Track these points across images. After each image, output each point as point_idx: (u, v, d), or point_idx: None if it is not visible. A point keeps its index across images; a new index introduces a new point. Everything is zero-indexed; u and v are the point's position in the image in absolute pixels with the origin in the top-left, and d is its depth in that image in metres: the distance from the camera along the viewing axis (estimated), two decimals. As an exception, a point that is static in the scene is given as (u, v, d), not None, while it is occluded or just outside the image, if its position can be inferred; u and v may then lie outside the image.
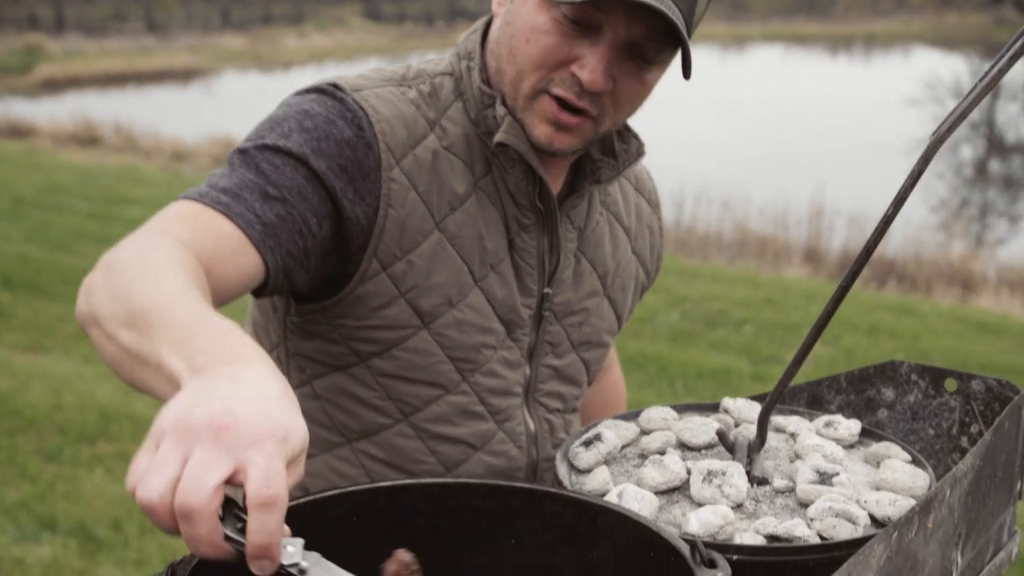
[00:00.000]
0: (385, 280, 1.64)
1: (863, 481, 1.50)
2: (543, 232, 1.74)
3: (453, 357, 1.70)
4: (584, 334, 1.85)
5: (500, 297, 1.72)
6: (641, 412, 1.68)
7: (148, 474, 0.97)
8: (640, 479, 1.47)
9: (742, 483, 1.43)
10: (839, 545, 1.32)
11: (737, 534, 1.35)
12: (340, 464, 1.75)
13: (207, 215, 1.48)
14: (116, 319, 1.22)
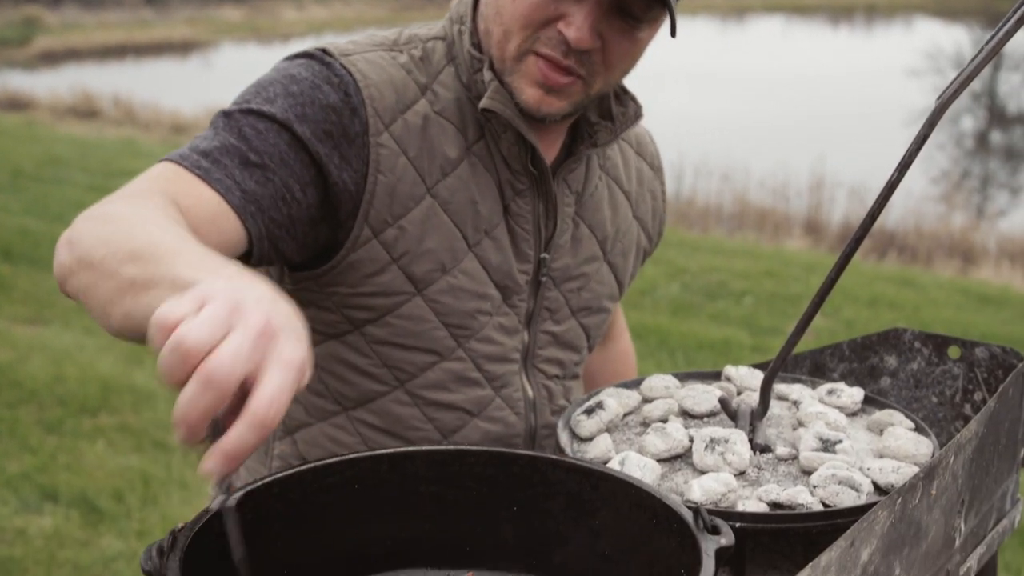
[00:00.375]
0: (377, 246, 1.63)
1: (866, 449, 1.49)
2: (538, 197, 1.73)
3: (448, 323, 1.70)
4: (583, 300, 1.84)
5: (495, 263, 1.71)
6: (643, 380, 1.67)
7: (199, 323, 0.96)
8: (642, 447, 1.47)
9: (745, 451, 1.42)
10: (842, 512, 1.32)
11: (740, 501, 1.35)
12: (337, 432, 1.75)
13: (187, 179, 1.47)
14: (116, 257, 1.21)
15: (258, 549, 1.21)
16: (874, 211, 1.32)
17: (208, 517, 1.14)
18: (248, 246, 1.53)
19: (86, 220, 1.33)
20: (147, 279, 1.17)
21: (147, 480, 4.49)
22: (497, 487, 1.30)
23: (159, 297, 1.10)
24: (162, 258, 1.17)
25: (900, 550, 1.25)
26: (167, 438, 4.93)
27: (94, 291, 1.25)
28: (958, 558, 1.45)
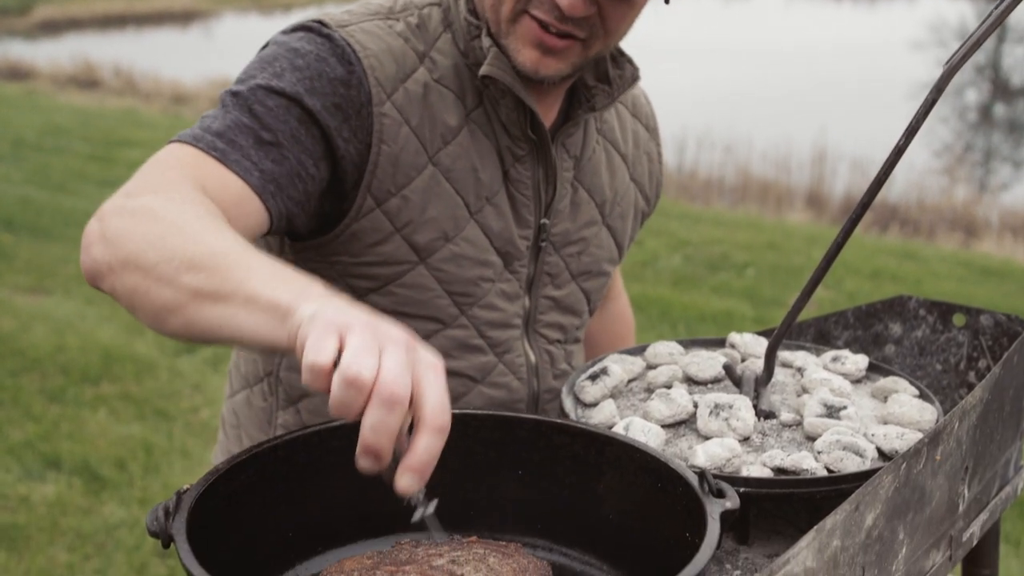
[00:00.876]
0: (380, 216, 1.63)
1: (870, 415, 1.50)
2: (538, 163, 1.72)
3: (451, 291, 1.70)
4: (583, 264, 1.84)
5: (496, 229, 1.71)
6: (647, 347, 1.67)
7: (359, 355, 1.00)
8: (646, 412, 1.47)
9: (749, 416, 1.43)
10: (846, 478, 1.33)
11: (744, 467, 1.36)
12: None
13: (207, 163, 1.46)
14: (172, 264, 1.21)
15: (264, 510, 1.21)
16: (881, 176, 1.31)
17: (213, 479, 1.14)
18: (268, 226, 1.52)
19: (121, 216, 1.31)
20: (214, 291, 1.17)
21: (149, 449, 4.50)
22: (502, 451, 1.31)
23: (233, 315, 1.15)
24: (228, 271, 1.17)
25: (904, 515, 1.25)
26: (168, 407, 4.93)
27: (145, 296, 1.25)
28: (961, 524, 1.46)
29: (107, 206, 1.34)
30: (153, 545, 3.81)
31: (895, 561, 1.27)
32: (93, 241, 1.31)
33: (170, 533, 1.04)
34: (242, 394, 1.85)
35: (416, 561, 1.21)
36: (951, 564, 1.47)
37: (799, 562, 1.04)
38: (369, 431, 1.00)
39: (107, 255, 1.29)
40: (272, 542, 1.23)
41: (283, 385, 1.76)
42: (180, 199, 1.33)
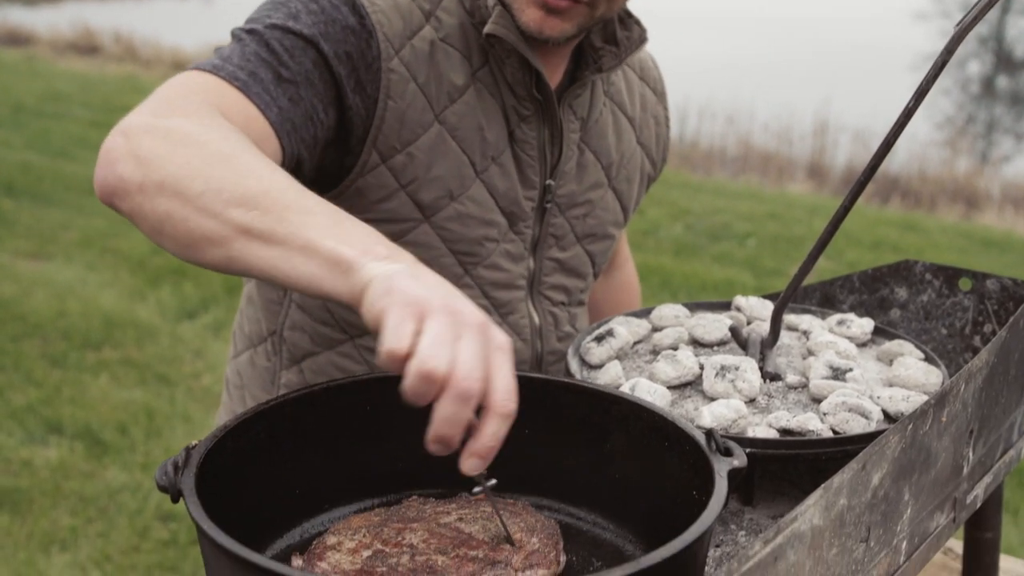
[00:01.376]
0: (385, 173, 1.62)
1: (876, 378, 1.50)
2: (543, 123, 1.72)
3: (455, 251, 1.69)
4: (588, 226, 1.83)
5: (502, 189, 1.70)
6: (652, 310, 1.67)
7: (436, 346, 1.00)
8: (652, 374, 1.48)
9: (755, 378, 1.43)
10: (851, 439, 1.33)
11: (750, 428, 1.36)
12: (343, 361, 1.75)
13: (230, 93, 1.43)
14: (221, 197, 1.18)
15: (271, 467, 1.21)
16: (890, 137, 1.31)
17: (222, 436, 1.14)
18: (281, 165, 1.49)
19: (154, 136, 1.26)
20: (268, 232, 1.15)
21: (151, 413, 4.51)
22: (509, 410, 1.30)
23: (287, 259, 1.14)
24: (285, 212, 1.16)
25: (910, 475, 1.26)
26: (170, 372, 4.94)
27: (182, 224, 1.21)
28: (965, 486, 1.46)
29: (133, 122, 1.29)
30: (155, 509, 3.83)
31: (900, 522, 1.28)
32: (119, 157, 1.26)
33: (179, 488, 1.04)
34: (246, 355, 1.85)
35: (424, 518, 1.21)
36: (955, 526, 1.47)
37: (806, 520, 1.04)
38: (442, 422, 1.01)
39: (138, 174, 1.23)
40: (279, 499, 1.23)
41: (287, 345, 1.77)
42: (217, 126, 1.30)
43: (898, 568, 1.31)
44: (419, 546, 1.16)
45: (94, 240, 6.64)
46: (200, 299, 5.81)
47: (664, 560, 0.95)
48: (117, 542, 3.65)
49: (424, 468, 1.30)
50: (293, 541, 1.24)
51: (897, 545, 1.29)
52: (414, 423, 1.29)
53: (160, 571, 3.52)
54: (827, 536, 1.09)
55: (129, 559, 3.56)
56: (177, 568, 3.54)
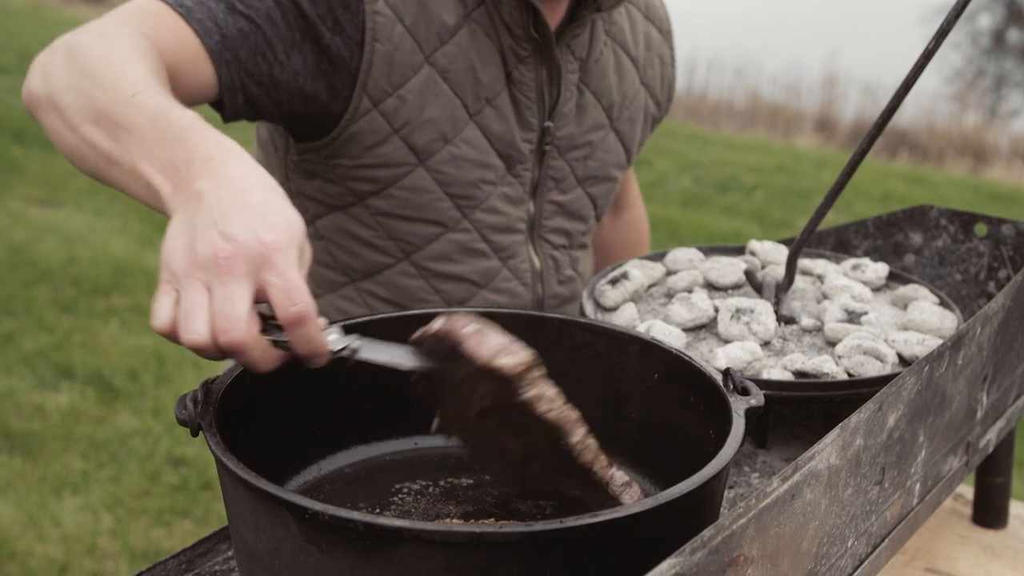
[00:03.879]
0: (377, 117, 1.61)
1: (891, 322, 1.50)
2: (541, 64, 1.70)
3: (451, 194, 1.69)
4: (589, 168, 1.82)
5: (497, 131, 1.69)
6: (667, 253, 1.68)
7: (188, 319, 0.99)
8: (667, 316, 1.49)
9: (770, 321, 1.44)
10: (866, 382, 1.34)
11: (765, 370, 1.37)
12: (345, 304, 1.76)
13: (169, 16, 1.44)
14: (80, 111, 1.20)
15: (289, 404, 1.22)
16: (909, 79, 1.31)
17: (240, 371, 1.15)
18: (217, 94, 1.50)
19: (64, 51, 1.29)
20: (107, 153, 1.16)
21: (161, 360, 4.53)
22: (525, 350, 1.31)
23: (126, 183, 1.14)
24: (123, 134, 1.15)
25: (925, 418, 1.26)
26: (180, 320, 4.95)
27: (60, 139, 1.25)
28: (979, 430, 1.47)
29: (61, 39, 1.32)
30: (166, 454, 3.85)
31: (914, 464, 1.28)
32: (34, 71, 1.30)
33: (199, 422, 1.05)
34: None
35: None
36: (967, 470, 1.48)
37: (823, 459, 1.05)
38: (244, 365, 1.03)
39: (42, 89, 1.27)
40: (297, 435, 1.24)
41: None
42: (125, 45, 1.30)
43: (911, 510, 1.32)
44: None
45: (103, 187, 6.61)
46: (208, 247, 5.80)
47: (682, 496, 0.95)
48: (128, 486, 3.68)
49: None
50: (310, 478, 1.25)
51: (911, 487, 1.30)
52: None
53: (171, 515, 3.55)
54: (843, 476, 1.10)
55: (140, 503, 3.59)
56: (187, 512, 3.57)
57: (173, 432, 3.99)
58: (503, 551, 0.88)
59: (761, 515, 0.94)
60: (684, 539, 0.85)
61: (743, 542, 0.91)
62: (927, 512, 1.38)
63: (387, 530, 0.87)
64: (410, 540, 0.88)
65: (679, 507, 0.95)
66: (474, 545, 0.87)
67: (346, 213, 1.71)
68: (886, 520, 1.25)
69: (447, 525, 0.99)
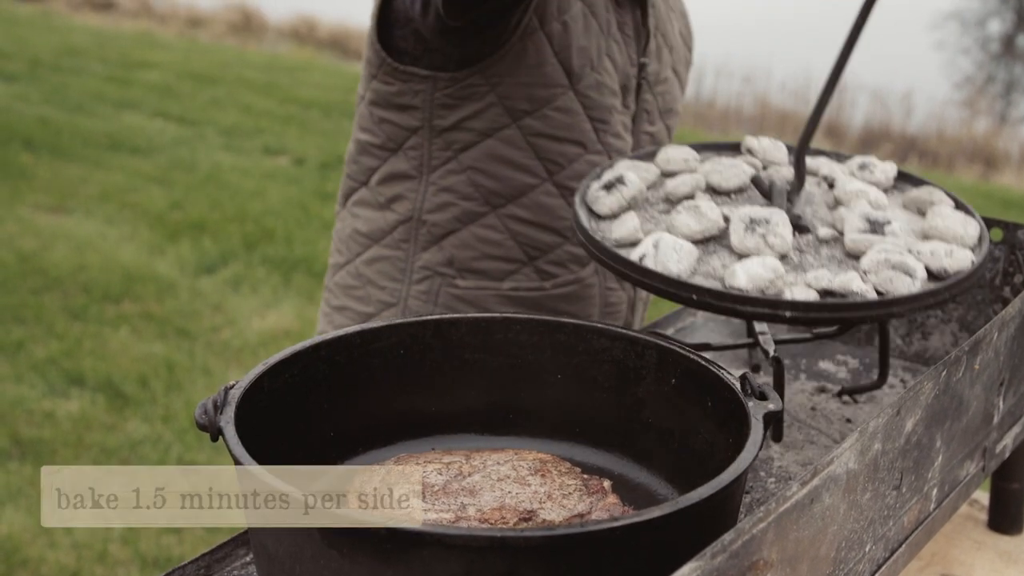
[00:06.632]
0: (541, 38, 1.77)
1: (909, 229, 1.38)
2: (636, 5, 1.87)
3: (592, 117, 1.83)
4: (667, 102, 1.98)
5: (620, 63, 1.85)
6: (658, 151, 1.55)
7: None
8: (672, 227, 1.36)
9: (787, 232, 1.32)
10: (898, 301, 1.24)
11: (787, 288, 1.26)
12: (486, 232, 1.86)
13: None
14: None
15: (306, 409, 1.22)
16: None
17: (258, 376, 1.15)
18: None
19: None
20: None
21: (171, 367, 4.53)
22: (541, 355, 1.31)
23: None
24: None
25: (942, 423, 1.26)
26: (189, 326, 4.96)
27: None
28: (995, 435, 1.46)
29: None
30: (176, 461, 3.86)
31: (931, 468, 1.28)
32: None
33: (219, 426, 1.05)
34: (367, 253, 1.93)
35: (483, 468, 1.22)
36: (983, 475, 1.48)
37: (842, 463, 1.05)
38: None
39: None
40: (314, 440, 1.24)
41: (426, 227, 1.87)
42: None
43: (928, 515, 1.32)
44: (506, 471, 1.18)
45: (113, 195, 6.65)
46: (219, 254, 5.82)
47: (702, 500, 0.95)
48: (139, 493, 3.68)
49: (457, 413, 1.32)
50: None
51: (928, 492, 1.30)
52: (446, 368, 1.31)
53: (181, 521, 3.55)
54: (861, 480, 1.10)
55: (151, 509, 3.59)
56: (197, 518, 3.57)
57: (184, 439, 3.99)
58: (524, 555, 0.88)
59: (781, 519, 0.94)
60: (704, 543, 0.85)
61: (763, 546, 0.91)
62: (944, 517, 1.37)
63: (408, 534, 0.87)
64: (431, 544, 0.88)
65: (699, 512, 0.95)
66: (495, 549, 0.88)
67: (497, 139, 1.83)
68: (903, 525, 1.25)
69: (468, 529, 0.99)
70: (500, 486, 1.15)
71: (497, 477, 1.17)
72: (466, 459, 1.21)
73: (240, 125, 8.72)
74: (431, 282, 1.87)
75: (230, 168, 7.45)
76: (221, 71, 10.82)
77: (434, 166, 1.85)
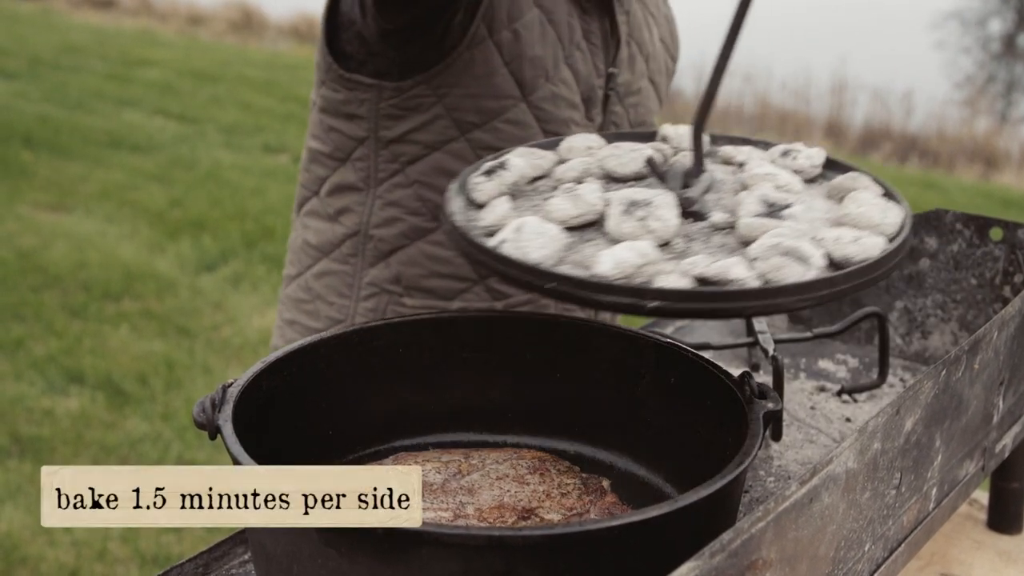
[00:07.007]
0: (491, 47, 1.70)
1: (822, 218, 1.22)
2: (604, 14, 1.80)
3: (547, 131, 1.76)
4: (639, 114, 1.91)
5: (583, 73, 1.78)
6: (563, 140, 1.40)
7: None
8: (547, 211, 1.21)
9: (671, 216, 1.15)
10: (784, 290, 1.06)
11: (660, 276, 1.09)
12: (435, 249, 1.79)
13: None
14: None
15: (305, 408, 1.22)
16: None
17: (256, 374, 1.15)
18: None
19: None
20: None
21: (171, 365, 4.53)
22: (540, 353, 1.31)
23: None
24: None
25: (942, 422, 1.26)
26: (189, 324, 4.96)
27: None
28: (995, 435, 1.46)
29: None
30: (176, 459, 3.85)
31: (931, 468, 1.28)
32: None
33: (217, 424, 1.05)
34: (316, 266, 1.88)
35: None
36: (983, 475, 1.48)
37: (841, 463, 1.04)
38: None
39: None
40: (312, 438, 1.23)
41: (373, 242, 1.81)
42: None
43: (927, 515, 1.32)
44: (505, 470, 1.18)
45: (113, 193, 6.65)
46: (219, 252, 5.82)
47: (701, 499, 0.95)
48: (138, 491, 3.68)
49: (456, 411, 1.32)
50: (326, 481, 1.24)
51: (927, 492, 1.30)
52: (445, 366, 1.31)
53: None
54: (860, 480, 1.10)
55: (150, 507, 3.59)
56: (198, 517, 3.57)
57: (183, 437, 3.99)
58: (522, 554, 0.88)
59: (780, 519, 0.93)
60: (702, 542, 0.85)
61: (761, 546, 0.91)
62: (943, 517, 1.37)
63: (406, 534, 0.87)
64: (429, 543, 0.88)
65: (698, 511, 0.95)
66: (493, 548, 0.87)
67: (445, 152, 1.76)
68: (903, 525, 1.24)
69: (466, 528, 0.99)
70: (499, 485, 1.15)
71: (496, 476, 1.17)
72: (465, 458, 1.21)
73: (240, 123, 8.71)
74: (378, 299, 1.80)
75: (230, 166, 7.45)
76: (221, 69, 10.81)
77: (381, 179, 1.79)
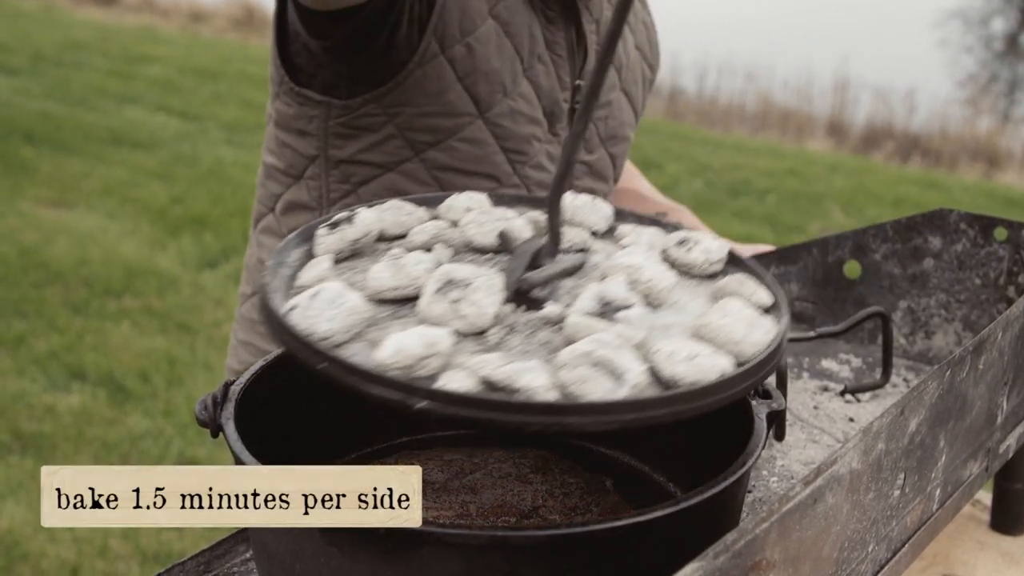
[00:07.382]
0: (443, 63, 1.63)
1: (684, 324, 1.01)
2: (570, 24, 1.74)
3: (506, 148, 1.71)
4: (610, 128, 1.86)
5: (545, 87, 1.72)
6: (448, 197, 1.21)
7: None
8: (366, 280, 1.03)
9: (489, 301, 0.97)
10: (579, 409, 0.85)
11: (447, 372, 0.89)
12: None
13: None
14: None
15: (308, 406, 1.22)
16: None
17: (258, 372, 1.15)
18: None
19: None
20: None
21: (172, 361, 4.53)
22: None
23: None
24: None
25: (946, 423, 1.26)
26: (191, 321, 4.96)
27: None
28: (999, 436, 1.46)
29: None
30: (177, 456, 3.85)
31: (934, 469, 1.28)
32: None
33: (219, 422, 1.05)
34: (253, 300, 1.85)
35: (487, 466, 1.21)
36: (987, 475, 1.47)
37: (845, 463, 1.04)
38: None
39: None
40: (317, 437, 1.23)
41: None
42: None
43: (931, 516, 1.31)
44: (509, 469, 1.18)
45: (115, 189, 6.65)
46: (220, 249, 5.82)
47: (704, 499, 0.95)
48: (139, 488, 3.68)
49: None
50: (328, 480, 1.24)
51: (931, 492, 1.29)
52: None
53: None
54: (864, 480, 1.09)
55: (151, 504, 3.59)
56: (199, 514, 3.57)
57: (185, 434, 3.99)
58: (525, 554, 0.88)
59: (783, 519, 0.93)
60: (706, 543, 0.84)
61: (765, 546, 0.91)
62: (947, 517, 1.37)
63: (408, 533, 0.87)
64: (431, 543, 0.87)
65: (701, 511, 0.95)
66: (496, 548, 0.87)
67: (398, 172, 1.70)
68: (906, 525, 1.24)
69: (469, 528, 0.99)
70: (501, 484, 1.15)
71: (498, 475, 1.17)
72: (467, 457, 1.20)
73: (242, 120, 8.71)
74: None
75: (232, 163, 7.45)
76: (223, 66, 10.82)
77: (333, 199, 1.73)
